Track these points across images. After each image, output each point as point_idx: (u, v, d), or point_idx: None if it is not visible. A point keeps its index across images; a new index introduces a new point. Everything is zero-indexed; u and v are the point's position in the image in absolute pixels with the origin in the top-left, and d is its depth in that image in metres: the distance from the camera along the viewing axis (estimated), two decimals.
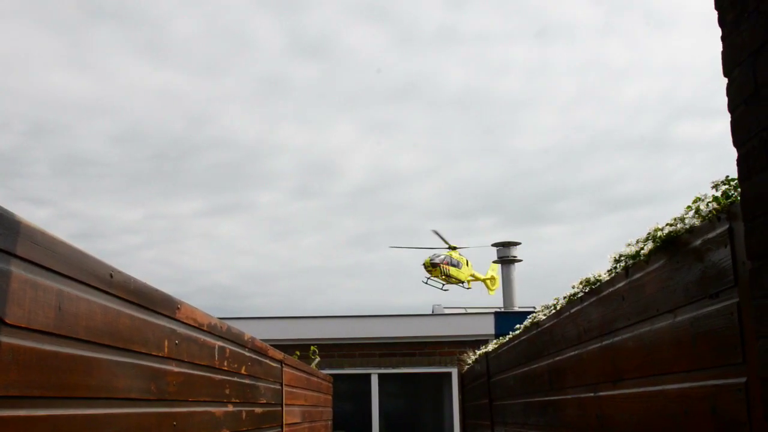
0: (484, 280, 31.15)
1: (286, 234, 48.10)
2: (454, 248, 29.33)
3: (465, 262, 29.79)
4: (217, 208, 46.01)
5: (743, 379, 2.56)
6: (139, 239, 48.37)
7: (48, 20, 40.63)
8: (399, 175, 44.32)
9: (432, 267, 28.62)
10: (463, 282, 30.00)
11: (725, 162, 2.33)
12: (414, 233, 46.06)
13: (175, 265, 45.87)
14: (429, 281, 29.21)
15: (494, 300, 28.47)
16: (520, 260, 27.15)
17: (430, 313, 21.90)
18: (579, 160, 45.64)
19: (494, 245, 27.84)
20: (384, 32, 44.30)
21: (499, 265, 28.71)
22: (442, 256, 28.83)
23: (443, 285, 29.58)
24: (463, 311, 22.40)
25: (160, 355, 3.48)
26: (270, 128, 44.23)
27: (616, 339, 3.97)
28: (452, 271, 29.01)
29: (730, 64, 2.29)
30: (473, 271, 30.49)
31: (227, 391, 4.91)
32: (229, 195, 46.86)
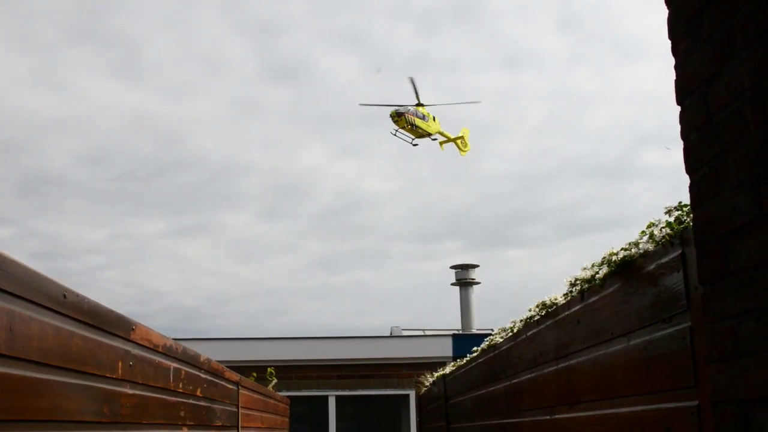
0: (454, 140, 31.46)
1: (251, 255, 47.82)
2: (422, 105, 29.61)
3: (432, 117, 30.08)
4: (182, 228, 45.62)
5: (695, 403, 2.59)
6: (102, 259, 47.70)
7: (21, 40, 40.33)
8: (366, 199, 44.45)
9: (397, 116, 28.88)
10: (431, 134, 30.18)
11: (686, 189, 2.37)
12: (379, 256, 46.11)
13: (137, 286, 45.30)
14: (397, 133, 29.47)
15: (452, 322, 28.47)
16: (478, 283, 27.25)
17: (388, 335, 21.86)
18: (545, 186, 46.17)
19: (453, 267, 27.92)
20: (357, 58, 44.67)
21: (470, 129, 29.96)
22: (408, 107, 29.14)
23: (413, 139, 29.83)
24: (421, 333, 22.40)
25: (113, 376, 3.43)
26: (240, 150, 44.15)
27: (572, 362, 4.00)
28: (418, 122, 29.27)
29: (683, 92, 2.34)
30: (442, 129, 30.82)
31: (182, 414, 4.85)
32: (196, 216, 46.50)
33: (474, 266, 27.35)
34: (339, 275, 46.57)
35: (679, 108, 2.37)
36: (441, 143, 31.18)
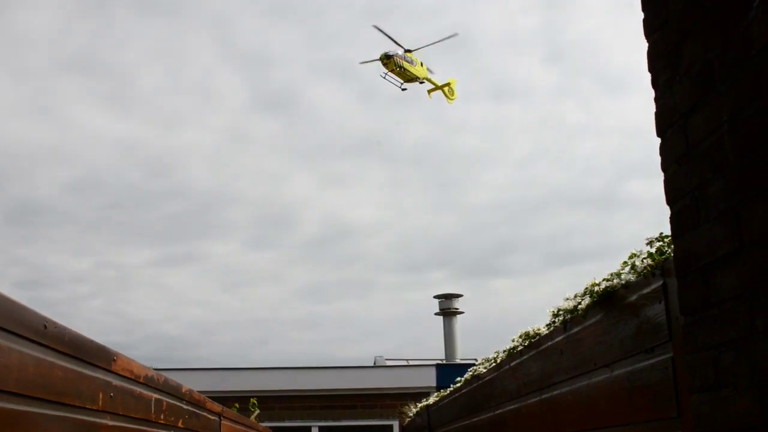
0: (441, 87, 32.33)
1: (237, 285, 47.64)
2: (410, 51, 30.53)
3: (420, 63, 31.12)
4: (168, 258, 45.38)
5: None
6: (87, 288, 47.31)
7: (11, 68, 40.42)
8: (353, 228, 44.52)
9: (387, 59, 29.75)
10: (419, 78, 31.17)
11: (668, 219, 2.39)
12: (365, 286, 46.17)
13: (121, 315, 44.94)
14: (386, 77, 30.33)
15: (436, 352, 28.40)
16: (462, 312, 27.19)
17: (372, 365, 21.76)
18: (531, 216, 46.42)
19: (436, 297, 27.88)
20: (346, 89, 45.05)
21: (457, 80, 31.45)
22: (397, 52, 30.06)
23: (401, 83, 30.69)
24: (404, 363, 22.31)
25: (94, 408, 3.40)
26: (228, 180, 44.18)
27: (555, 393, 4.00)
28: (406, 65, 30.24)
29: (663, 124, 2.36)
30: (429, 75, 31.75)
31: None
32: (182, 245, 46.27)
33: (458, 296, 27.31)
34: (325, 305, 46.50)
35: (659, 140, 2.40)
36: (429, 91, 32.24)
